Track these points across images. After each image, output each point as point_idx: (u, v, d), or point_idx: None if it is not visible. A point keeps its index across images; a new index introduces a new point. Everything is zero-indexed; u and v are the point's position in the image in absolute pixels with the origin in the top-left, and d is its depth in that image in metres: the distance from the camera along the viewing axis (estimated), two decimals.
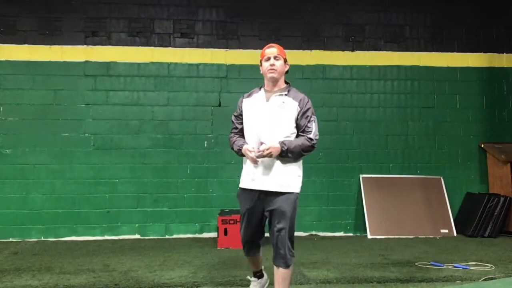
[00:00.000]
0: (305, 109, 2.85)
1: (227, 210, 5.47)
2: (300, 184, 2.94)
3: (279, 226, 2.77)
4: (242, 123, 3.01)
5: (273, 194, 2.82)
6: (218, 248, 5.05)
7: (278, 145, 2.76)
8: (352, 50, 6.23)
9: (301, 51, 6.12)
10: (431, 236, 5.70)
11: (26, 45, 5.78)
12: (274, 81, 2.91)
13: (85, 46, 5.86)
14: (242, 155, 2.92)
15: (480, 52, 6.38)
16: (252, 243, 3.01)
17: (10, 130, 5.67)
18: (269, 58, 2.89)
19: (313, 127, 2.87)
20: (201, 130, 5.91)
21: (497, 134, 6.28)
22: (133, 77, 5.89)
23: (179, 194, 5.80)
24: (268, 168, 2.82)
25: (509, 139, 6.27)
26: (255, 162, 2.81)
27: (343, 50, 6.20)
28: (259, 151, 2.74)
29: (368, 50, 6.23)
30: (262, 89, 2.99)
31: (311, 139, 2.84)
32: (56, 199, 5.65)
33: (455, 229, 5.82)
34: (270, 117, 2.84)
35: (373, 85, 6.20)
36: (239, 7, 6.08)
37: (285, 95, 2.88)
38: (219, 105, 5.96)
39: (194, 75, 5.98)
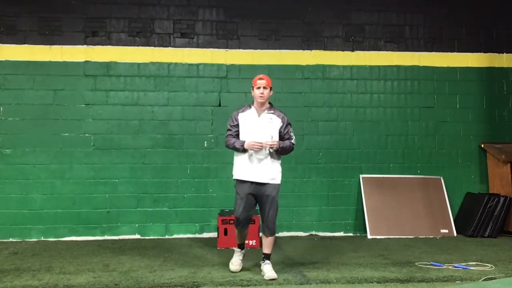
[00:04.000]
0: (286, 124, 3.98)
1: (227, 210, 5.47)
2: (280, 177, 3.98)
3: (270, 209, 3.91)
4: (238, 131, 3.98)
5: (264, 185, 3.89)
6: (218, 248, 5.05)
7: (277, 143, 3.88)
8: (352, 50, 6.23)
9: (301, 51, 6.12)
10: (431, 236, 5.70)
11: (26, 45, 5.78)
12: (262, 104, 3.98)
13: (85, 46, 5.86)
14: (244, 150, 3.87)
15: (480, 52, 6.38)
16: (247, 220, 4.00)
17: (10, 130, 5.68)
18: (259, 88, 3.92)
19: (293, 135, 4.01)
20: (201, 130, 5.91)
21: (497, 134, 6.28)
22: (133, 77, 5.89)
23: (179, 194, 5.80)
24: (260, 164, 3.87)
25: (509, 139, 6.27)
26: (261, 148, 3.81)
27: (343, 50, 6.21)
28: (271, 141, 3.82)
29: (368, 50, 6.23)
30: (253, 107, 4.00)
31: (293, 143, 3.99)
32: (56, 199, 5.65)
33: (455, 229, 5.82)
34: (263, 129, 3.90)
35: (373, 85, 6.20)
36: (239, 7, 6.08)
37: (272, 113, 3.97)
38: (219, 105, 5.96)
39: (194, 75, 5.98)
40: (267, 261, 3.92)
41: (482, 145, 6.19)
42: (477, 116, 6.30)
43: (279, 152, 3.91)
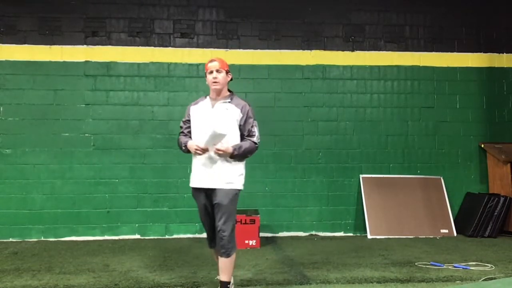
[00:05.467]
0: (246, 115, 3.19)
1: None
2: (243, 181, 3.22)
3: (221, 221, 3.09)
4: (189, 127, 3.29)
5: (214, 191, 3.12)
6: None
7: (231, 150, 3.07)
8: (352, 50, 6.23)
9: (301, 51, 6.12)
10: (431, 236, 5.70)
11: (26, 45, 5.78)
12: (218, 91, 3.24)
13: (85, 46, 5.86)
14: (188, 151, 3.21)
15: (480, 52, 6.38)
16: (213, 232, 3.25)
17: (10, 130, 5.68)
18: (211, 72, 3.20)
19: (256, 131, 3.22)
20: None
21: (497, 134, 6.28)
22: (133, 77, 5.89)
23: (179, 194, 5.80)
24: (214, 166, 3.12)
25: (509, 139, 6.27)
26: (204, 152, 3.07)
27: (343, 50, 6.21)
28: (220, 147, 3.03)
29: (368, 50, 6.23)
30: (208, 97, 3.30)
31: (255, 142, 3.19)
32: (56, 199, 5.65)
33: (455, 229, 5.82)
34: (219, 121, 3.13)
35: (373, 85, 6.20)
36: (239, 7, 6.08)
37: (228, 102, 3.21)
38: None
39: (194, 75, 5.98)
40: None
41: (482, 145, 6.19)
42: (477, 116, 6.30)
43: (236, 157, 3.11)
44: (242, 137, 3.19)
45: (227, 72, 3.27)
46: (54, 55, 5.80)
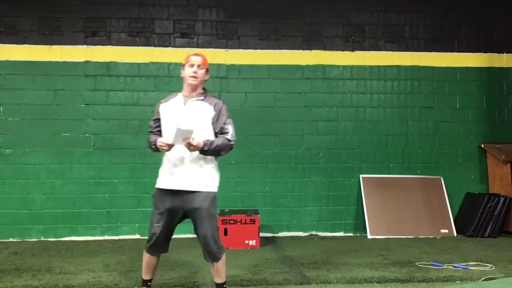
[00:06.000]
0: (219, 113, 3.05)
1: (227, 210, 5.47)
2: (217, 184, 3.09)
3: (204, 227, 2.97)
4: (159, 126, 3.13)
5: (192, 194, 2.96)
6: None
7: (201, 144, 2.90)
8: (352, 50, 6.23)
9: (301, 51, 6.12)
10: (431, 236, 5.70)
11: (26, 45, 5.78)
12: (193, 87, 3.10)
13: (85, 46, 5.86)
14: (157, 149, 3.02)
15: (480, 52, 6.38)
16: (165, 243, 3.13)
17: (10, 130, 5.67)
18: (192, 65, 3.06)
19: (230, 129, 3.06)
20: None
21: (497, 134, 6.28)
22: (133, 77, 5.89)
23: None
24: (185, 167, 2.97)
25: (509, 139, 6.26)
26: (169, 148, 2.88)
27: (343, 50, 6.20)
28: (189, 141, 2.84)
29: (368, 50, 6.23)
30: (180, 94, 3.15)
31: (229, 140, 3.03)
32: (56, 199, 5.65)
33: (455, 229, 5.82)
34: (187, 120, 2.97)
35: (373, 85, 6.20)
36: (239, 7, 6.08)
37: (202, 100, 3.08)
38: None
39: None
40: None
41: (482, 145, 6.19)
42: (477, 116, 6.30)
43: (207, 153, 2.96)
44: (216, 135, 3.04)
45: (206, 71, 3.17)
46: (54, 55, 5.80)
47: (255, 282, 3.68)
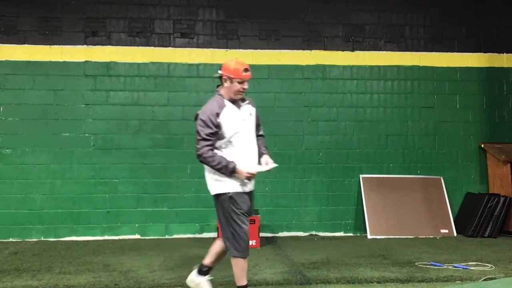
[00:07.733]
0: (257, 112, 3.27)
1: None
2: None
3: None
4: (217, 139, 3.04)
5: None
6: None
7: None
8: (352, 50, 6.23)
9: (301, 51, 6.12)
10: (431, 236, 5.70)
11: (26, 45, 5.78)
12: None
13: (85, 46, 5.86)
14: (231, 173, 2.99)
15: (480, 52, 6.37)
16: None
17: (10, 130, 5.67)
18: (243, 82, 3.05)
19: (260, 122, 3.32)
20: None
21: (497, 134, 6.28)
22: (133, 77, 5.89)
23: (179, 194, 5.80)
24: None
25: (509, 139, 6.27)
26: (252, 177, 3.10)
27: (343, 50, 6.20)
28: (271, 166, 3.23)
29: (368, 50, 6.23)
30: (225, 100, 3.08)
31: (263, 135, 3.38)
32: (56, 199, 5.65)
33: (455, 229, 5.82)
34: (251, 125, 3.17)
35: (373, 85, 6.20)
36: (239, 7, 6.08)
37: (248, 103, 3.19)
38: None
39: (194, 75, 5.97)
40: None
41: (482, 145, 6.19)
42: (477, 116, 6.30)
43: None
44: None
45: None
46: (54, 55, 5.80)
47: (255, 282, 3.67)
